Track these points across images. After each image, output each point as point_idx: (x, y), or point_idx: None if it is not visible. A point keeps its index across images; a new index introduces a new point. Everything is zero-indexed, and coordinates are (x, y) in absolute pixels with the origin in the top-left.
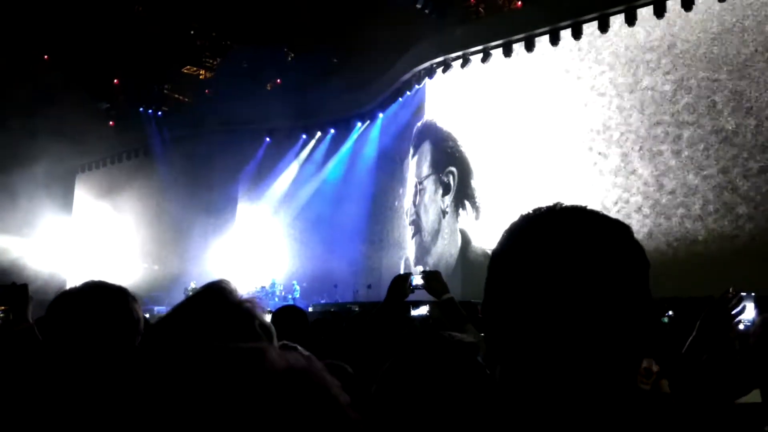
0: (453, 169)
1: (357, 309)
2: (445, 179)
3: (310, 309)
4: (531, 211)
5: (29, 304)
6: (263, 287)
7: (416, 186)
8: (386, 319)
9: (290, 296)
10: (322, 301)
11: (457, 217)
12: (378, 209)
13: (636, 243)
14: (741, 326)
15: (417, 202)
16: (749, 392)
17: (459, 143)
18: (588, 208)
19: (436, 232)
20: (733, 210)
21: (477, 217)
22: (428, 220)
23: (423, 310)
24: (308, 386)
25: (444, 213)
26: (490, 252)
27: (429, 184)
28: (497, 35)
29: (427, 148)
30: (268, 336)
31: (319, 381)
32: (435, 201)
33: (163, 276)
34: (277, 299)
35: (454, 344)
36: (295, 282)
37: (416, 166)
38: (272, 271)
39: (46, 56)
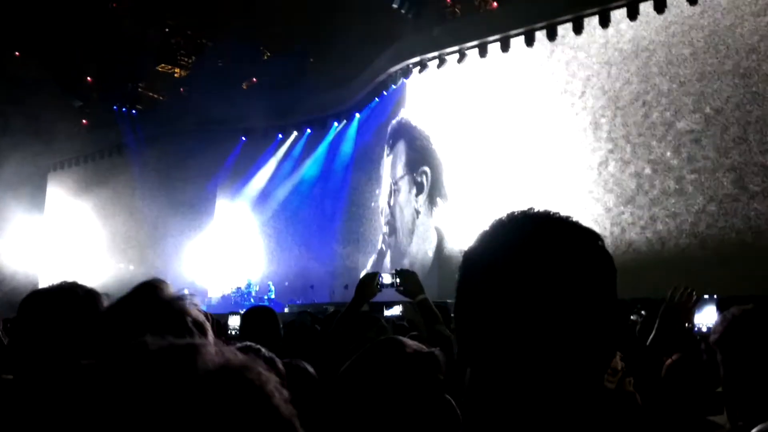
0: (426, 168)
1: (333, 309)
2: (419, 179)
3: (286, 309)
4: (504, 216)
5: None
6: (239, 288)
7: (391, 186)
8: (353, 320)
9: (266, 297)
10: (298, 302)
11: (431, 215)
12: (355, 209)
13: (604, 250)
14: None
15: (392, 203)
16: (714, 389)
17: (432, 142)
18: (559, 214)
19: (411, 232)
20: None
21: (450, 216)
22: (403, 220)
23: (396, 310)
24: (241, 382)
25: (418, 212)
26: (464, 248)
27: (404, 185)
28: (473, 35)
29: (401, 148)
30: (201, 332)
31: (254, 377)
32: (409, 201)
33: (138, 276)
34: (252, 300)
35: (406, 354)
36: (270, 282)
37: (391, 166)
38: (248, 272)
39: (17, 53)
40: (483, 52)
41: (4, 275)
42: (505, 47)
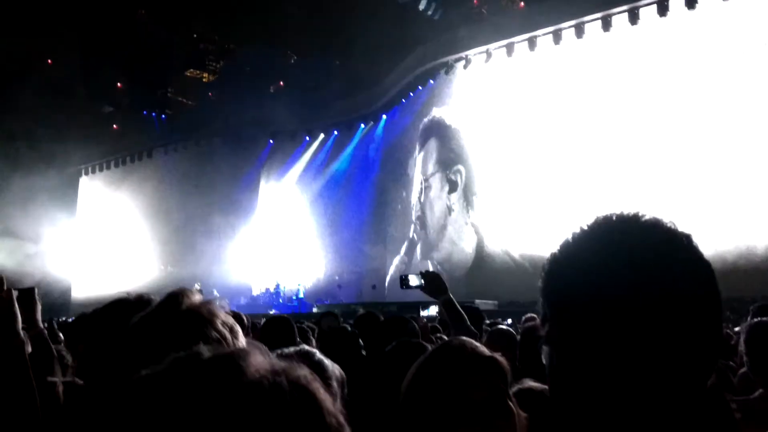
0: (460, 167)
1: (361, 310)
2: (452, 177)
3: (315, 310)
4: (602, 220)
5: (37, 308)
6: (267, 289)
7: (422, 183)
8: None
9: (294, 297)
10: (326, 302)
11: (467, 213)
12: (382, 210)
13: (701, 255)
14: None
15: (422, 199)
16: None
17: (466, 141)
18: (656, 219)
19: (443, 228)
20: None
21: (484, 213)
22: (433, 216)
23: (433, 310)
24: (288, 388)
25: (450, 210)
26: (508, 248)
27: (435, 182)
28: (500, 35)
29: (433, 145)
30: (232, 333)
31: (301, 382)
32: (441, 198)
33: (174, 275)
34: (281, 301)
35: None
36: (299, 283)
37: (422, 163)
38: (277, 273)
39: (49, 60)
40: (510, 51)
41: (39, 278)
42: (532, 46)
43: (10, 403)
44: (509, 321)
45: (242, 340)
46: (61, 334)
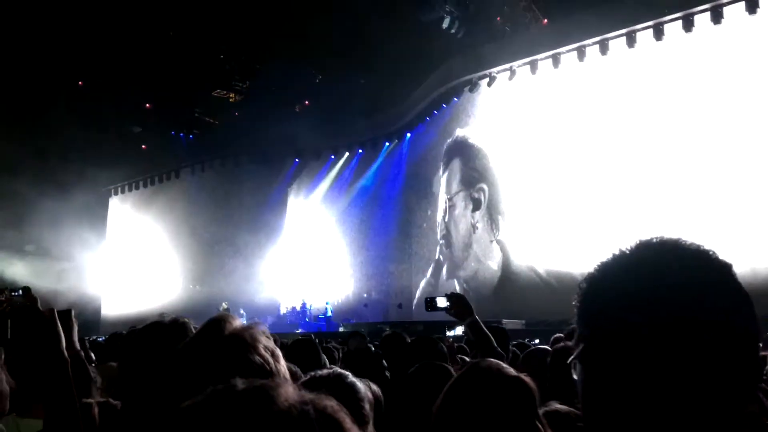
0: (483, 185)
1: (387, 329)
2: (476, 195)
3: (341, 329)
4: (643, 245)
5: (74, 330)
6: (293, 308)
7: (446, 202)
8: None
9: (323, 316)
10: (352, 321)
11: (492, 231)
12: (407, 228)
13: (738, 283)
14: None
15: (447, 219)
16: None
17: (489, 159)
18: (696, 246)
19: (467, 246)
20: None
21: (509, 230)
22: (458, 235)
23: (459, 330)
24: (319, 420)
25: (474, 228)
26: (533, 265)
27: (458, 201)
28: (524, 52)
29: (456, 165)
30: (274, 358)
31: (327, 413)
32: (465, 216)
33: (203, 294)
34: (307, 319)
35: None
36: (327, 302)
37: (446, 183)
38: (303, 292)
39: (80, 82)
40: (534, 68)
41: (73, 298)
42: (556, 63)
43: (55, 424)
44: (537, 341)
45: (283, 364)
46: (92, 354)
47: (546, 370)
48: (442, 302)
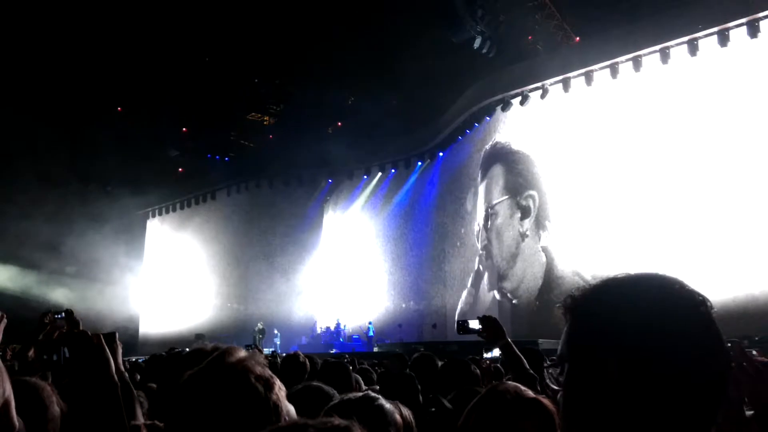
0: (533, 192)
1: (422, 349)
2: (524, 203)
3: (376, 349)
4: (623, 278)
5: (119, 352)
6: (327, 327)
7: (487, 210)
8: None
9: (356, 336)
10: (387, 341)
11: (539, 239)
12: (440, 248)
13: (708, 316)
14: None
15: (489, 227)
16: None
17: (535, 165)
18: (669, 280)
19: (514, 256)
20: None
21: (557, 238)
22: (502, 245)
23: (497, 351)
24: None
25: (523, 236)
26: (578, 271)
27: (502, 209)
28: (556, 71)
29: (498, 171)
30: (267, 387)
31: None
32: (511, 225)
33: (240, 312)
34: (342, 339)
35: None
36: (370, 322)
37: (485, 191)
38: (338, 311)
39: (119, 108)
40: (566, 86)
41: (110, 318)
42: (589, 81)
43: None
44: None
45: (276, 392)
46: (138, 375)
47: None
48: (474, 324)
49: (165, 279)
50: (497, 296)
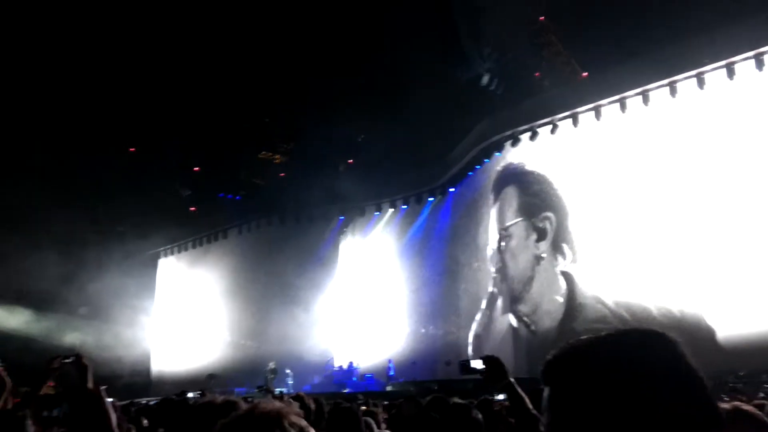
0: (549, 214)
1: (436, 387)
2: (540, 224)
3: (389, 388)
4: (606, 335)
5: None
6: (340, 366)
7: (500, 233)
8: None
9: (369, 374)
10: (401, 380)
11: (557, 261)
12: (453, 284)
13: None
14: None
15: (502, 249)
16: None
17: (554, 188)
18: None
19: (530, 279)
20: None
21: (574, 261)
22: (517, 267)
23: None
24: None
25: (539, 259)
26: (600, 297)
27: (517, 230)
28: (564, 107)
29: (511, 193)
30: None
31: None
32: (527, 247)
33: (248, 352)
34: (355, 378)
35: None
36: (390, 360)
37: (498, 213)
38: (351, 350)
39: (132, 149)
40: (576, 121)
41: (123, 359)
42: (598, 115)
43: None
44: None
45: None
46: (145, 420)
47: None
48: (477, 364)
49: (178, 318)
50: (513, 321)
